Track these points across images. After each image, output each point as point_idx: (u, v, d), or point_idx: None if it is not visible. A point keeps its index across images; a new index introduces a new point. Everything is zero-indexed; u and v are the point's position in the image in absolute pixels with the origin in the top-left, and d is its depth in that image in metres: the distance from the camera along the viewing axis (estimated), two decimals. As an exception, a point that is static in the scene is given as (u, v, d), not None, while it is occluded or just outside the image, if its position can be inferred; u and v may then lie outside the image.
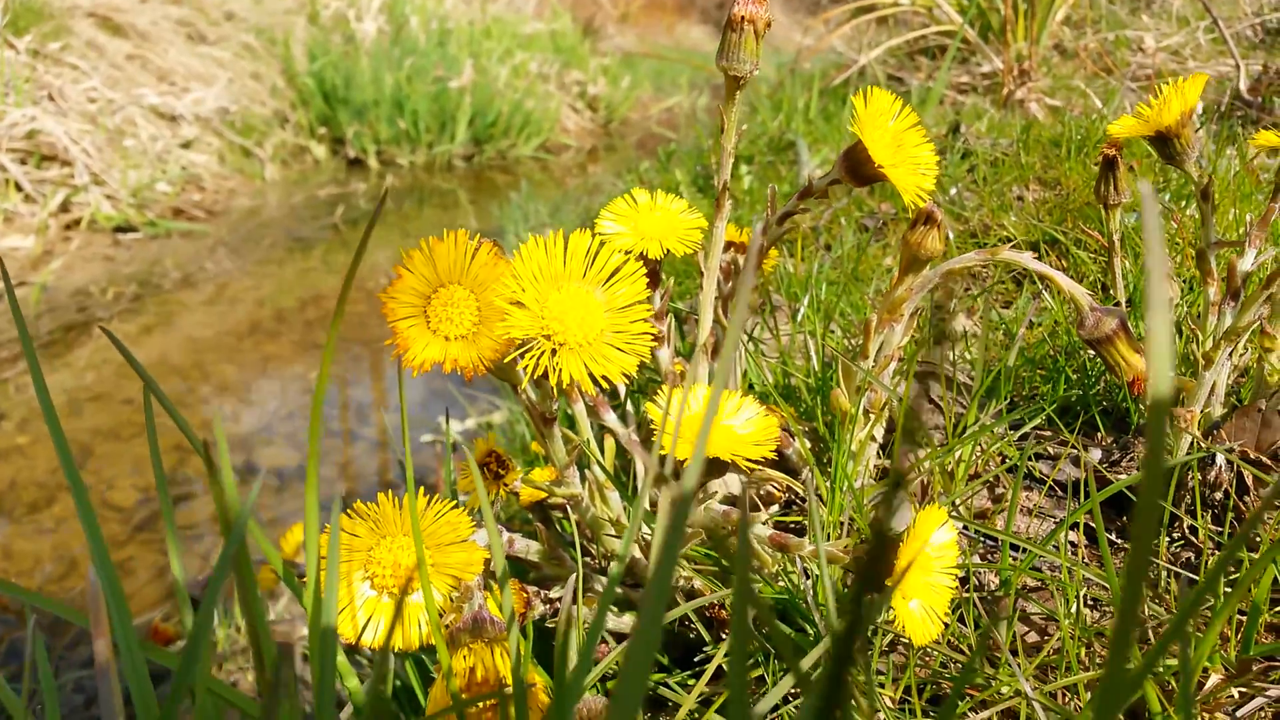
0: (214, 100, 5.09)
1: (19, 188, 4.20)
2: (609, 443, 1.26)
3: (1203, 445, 1.01)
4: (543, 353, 0.78)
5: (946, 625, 0.92)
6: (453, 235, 0.87)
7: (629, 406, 1.31)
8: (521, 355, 0.79)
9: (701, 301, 1.11)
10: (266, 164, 5.16)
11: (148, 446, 2.66)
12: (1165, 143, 1.10)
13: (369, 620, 0.78)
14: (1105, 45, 4.61)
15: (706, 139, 3.10)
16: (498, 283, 0.86)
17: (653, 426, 0.89)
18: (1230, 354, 1.07)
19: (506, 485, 1.07)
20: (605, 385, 0.77)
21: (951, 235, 1.74)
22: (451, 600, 0.80)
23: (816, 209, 2.13)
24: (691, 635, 1.00)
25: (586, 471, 1.03)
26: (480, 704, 0.62)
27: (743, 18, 1.07)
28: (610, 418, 0.98)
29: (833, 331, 1.44)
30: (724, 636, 0.92)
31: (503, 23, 6.34)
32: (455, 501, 0.80)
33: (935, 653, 0.87)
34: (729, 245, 1.29)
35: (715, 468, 0.80)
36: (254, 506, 2.97)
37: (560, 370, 0.78)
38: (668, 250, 1.05)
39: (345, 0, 5.91)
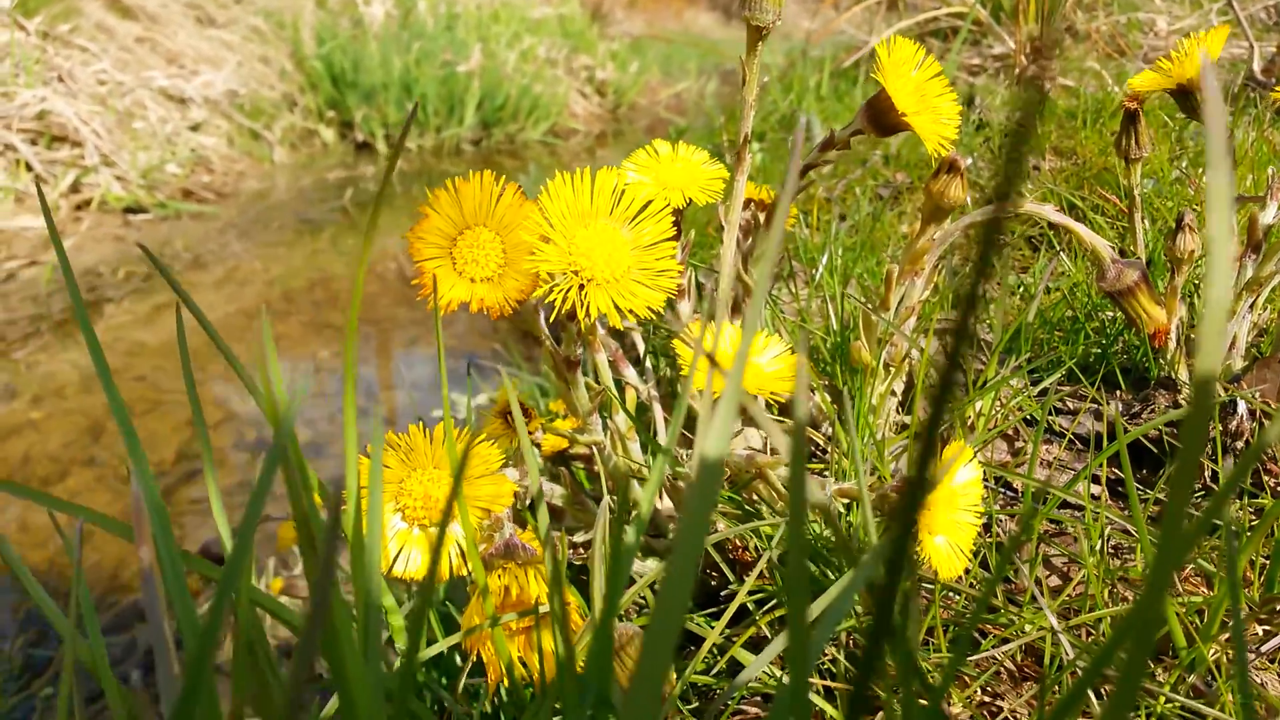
0: (223, 83, 5.09)
1: (29, 168, 4.21)
2: (629, 397, 1.27)
3: (1224, 393, 1.02)
4: (570, 288, 0.79)
5: (968, 570, 0.92)
6: (478, 176, 0.87)
7: (648, 364, 1.32)
8: (550, 290, 0.80)
9: (722, 255, 1.11)
10: (275, 147, 5.16)
11: (160, 423, 2.70)
12: (1187, 96, 1.10)
13: (400, 551, 0.79)
14: (1117, 27, 4.58)
15: (719, 117, 3.10)
16: (524, 224, 0.86)
17: (680, 365, 0.89)
18: (1251, 306, 1.07)
19: (530, 433, 1.08)
20: (632, 319, 0.78)
21: (969, 202, 1.74)
22: (481, 532, 0.81)
23: (829, 181, 2.13)
24: (713, 582, 1.00)
25: (609, 422, 1.04)
26: (514, 624, 0.63)
27: (767, -32, 1.06)
28: (630, 373, 0.98)
29: (850, 295, 1.44)
30: (745, 578, 0.92)
31: (511, 6, 6.32)
32: (484, 436, 0.81)
33: (960, 593, 0.87)
34: (748, 202, 1.29)
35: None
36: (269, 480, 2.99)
37: (589, 304, 0.78)
38: (689, 201, 1.06)
39: (353, -16, 5.90)
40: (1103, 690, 0.76)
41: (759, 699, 0.85)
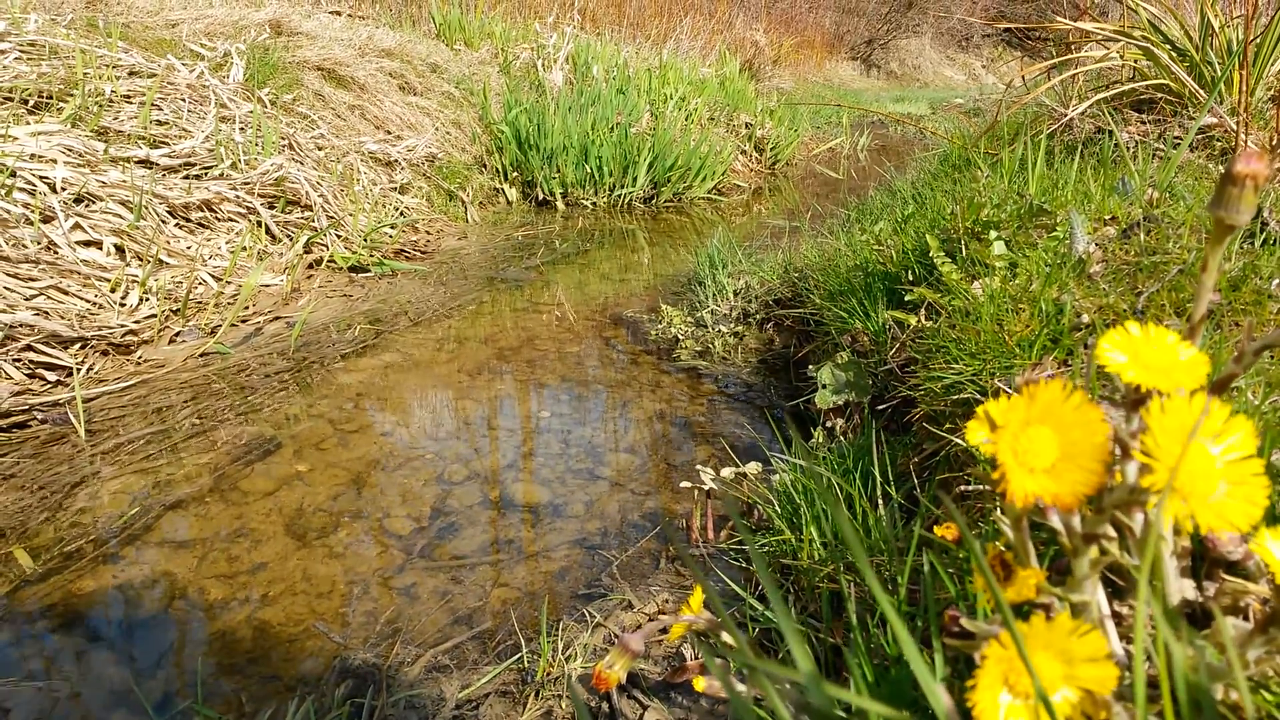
0: (424, 147, 5.48)
1: (269, 231, 4.63)
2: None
3: None
4: (1173, 502, 0.90)
5: None
6: (1049, 384, 1.01)
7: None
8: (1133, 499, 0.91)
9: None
10: (469, 207, 5.51)
11: (412, 478, 3.00)
12: None
13: (1008, 721, 0.92)
14: (1327, 96, 4.46)
15: (949, 205, 3.20)
16: (1082, 426, 0.99)
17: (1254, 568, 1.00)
18: None
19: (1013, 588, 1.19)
20: (1235, 531, 0.89)
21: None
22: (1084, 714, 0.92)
23: (1126, 294, 2.20)
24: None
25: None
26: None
27: (1245, 175, 1.17)
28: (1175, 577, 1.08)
29: None
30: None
31: (676, 68, 6.59)
32: (1088, 627, 0.92)
33: None
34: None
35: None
36: (518, 540, 3.14)
37: (1193, 518, 0.89)
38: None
39: (534, 51, 6.26)
40: None
41: None
